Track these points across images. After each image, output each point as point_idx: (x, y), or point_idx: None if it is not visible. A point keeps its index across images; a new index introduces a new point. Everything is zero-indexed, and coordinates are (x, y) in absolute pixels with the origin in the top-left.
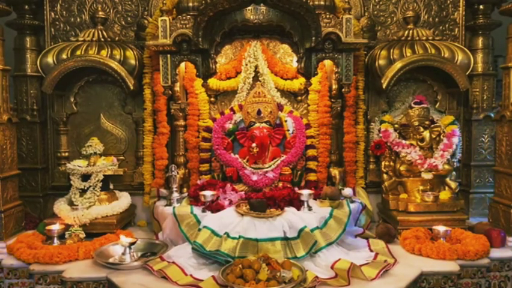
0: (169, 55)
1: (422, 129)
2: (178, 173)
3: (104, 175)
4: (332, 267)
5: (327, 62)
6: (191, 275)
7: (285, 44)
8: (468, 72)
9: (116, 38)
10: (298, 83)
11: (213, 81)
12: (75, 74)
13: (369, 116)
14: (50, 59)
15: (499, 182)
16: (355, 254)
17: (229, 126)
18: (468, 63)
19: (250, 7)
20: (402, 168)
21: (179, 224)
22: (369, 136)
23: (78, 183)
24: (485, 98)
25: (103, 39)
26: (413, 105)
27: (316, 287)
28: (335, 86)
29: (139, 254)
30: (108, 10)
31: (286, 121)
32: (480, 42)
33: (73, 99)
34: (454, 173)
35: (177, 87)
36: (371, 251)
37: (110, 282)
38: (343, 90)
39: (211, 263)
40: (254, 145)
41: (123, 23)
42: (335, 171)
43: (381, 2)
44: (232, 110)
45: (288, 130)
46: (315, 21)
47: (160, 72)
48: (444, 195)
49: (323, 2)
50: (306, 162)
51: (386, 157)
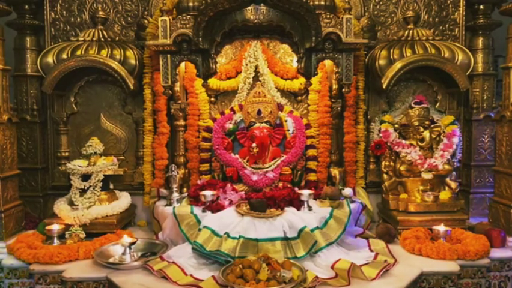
0: (169, 55)
1: (422, 129)
2: (178, 173)
3: (104, 175)
4: (332, 267)
5: (327, 62)
6: (191, 275)
7: (285, 44)
8: (468, 72)
9: (117, 38)
10: (299, 83)
11: (213, 81)
12: (75, 74)
13: (369, 116)
14: (50, 59)
15: (499, 182)
16: (355, 254)
17: (229, 126)
18: (468, 63)
19: (250, 7)
20: (402, 168)
21: (179, 224)
22: (369, 136)
23: (78, 183)
24: (485, 98)
25: (103, 39)
26: (413, 105)
27: (317, 287)
28: (335, 86)
29: (139, 254)
30: (108, 10)
31: (286, 121)
32: (480, 42)
33: (73, 99)
34: (454, 173)
35: (177, 87)
36: (371, 251)
37: (110, 282)
38: (343, 90)
39: (211, 263)
40: (254, 145)
41: (123, 22)
42: (335, 171)
43: (381, 2)
44: (232, 110)
45: (288, 130)
46: (315, 21)
47: (160, 72)
48: (445, 195)
49: (323, 2)
50: (306, 162)
51: (386, 157)
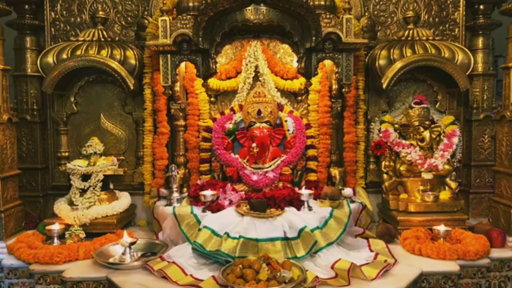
0: (169, 55)
1: (422, 129)
2: (178, 173)
3: (104, 175)
4: (332, 267)
5: (328, 62)
6: (191, 275)
7: (285, 44)
8: (468, 72)
9: (117, 38)
10: (299, 83)
11: (213, 81)
12: (75, 74)
13: (369, 116)
14: (50, 59)
15: (499, 182)
16: (355, 254)
17: (229, 126)
18: (468, 63)
19: (250, 7)
20: (402, 168)
21: (179, 224)
22: (370, 136)
23: (78, 183)
24: (485, 98)
25: (103, 39)
26: (413, 105)
27: (317, 287)
28: (335, 86)
29: (139, 254)
30: (108, 10)
31: (286, 121)
32: (480, 42)
33: (73, 99)
34: (454, 173)
35: (177, 87)
36: (371, 251)
37: (110, 282)
38: (343, 90)
39: (211, 263)
40: (254, 145)
41: (123, 22)
42: (335, 171)
43: (381, 2)
44: (232, 110)
45: (288, 130)
46: (315, 21)
47: (160, 72)
48: (445, 195)
49: (323, 2)
50: (306, 162)
51: (386, 157)
